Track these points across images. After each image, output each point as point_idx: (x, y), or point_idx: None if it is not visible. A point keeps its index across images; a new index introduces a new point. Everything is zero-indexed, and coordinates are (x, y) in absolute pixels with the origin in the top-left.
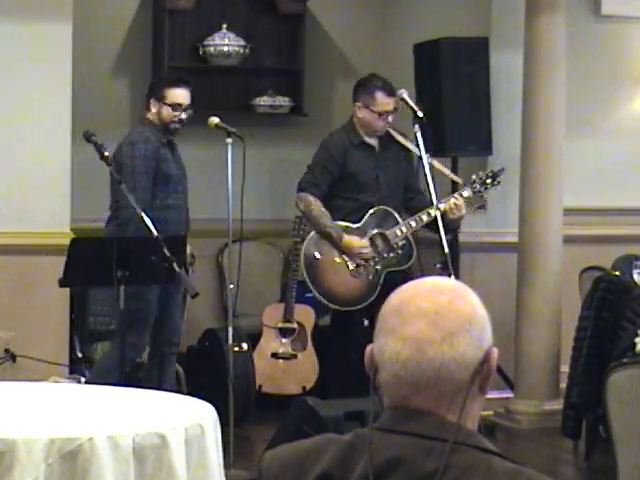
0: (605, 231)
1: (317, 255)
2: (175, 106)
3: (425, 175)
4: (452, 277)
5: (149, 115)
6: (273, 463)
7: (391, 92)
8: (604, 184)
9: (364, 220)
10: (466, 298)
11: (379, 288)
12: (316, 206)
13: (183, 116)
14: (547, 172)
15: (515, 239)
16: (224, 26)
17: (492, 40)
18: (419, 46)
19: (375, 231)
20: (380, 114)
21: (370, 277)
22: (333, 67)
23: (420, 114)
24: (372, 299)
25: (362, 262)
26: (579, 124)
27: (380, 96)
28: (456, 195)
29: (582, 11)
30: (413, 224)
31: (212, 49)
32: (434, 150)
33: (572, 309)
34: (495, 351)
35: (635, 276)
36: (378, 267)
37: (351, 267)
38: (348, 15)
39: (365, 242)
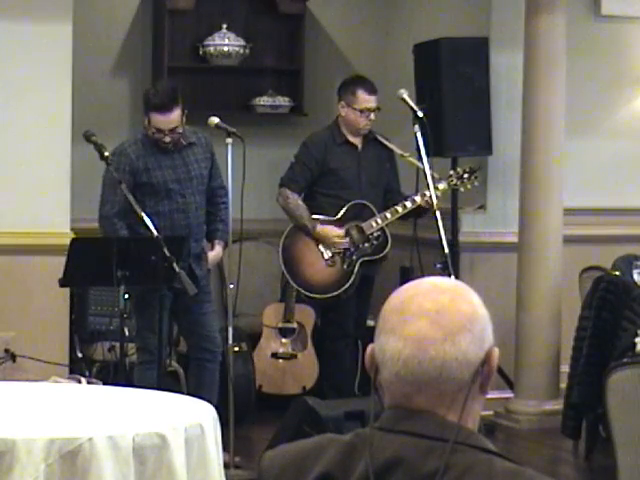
0: (605, 231)
1: (294, 247)
2: (157, 130)
3: (425, 175)
4: (452, 277)
5: (146, 126)
6: (273, 463)
7: (372, 90)
8: (604, 184)
9: (341, 213)
10: (467, 298)
11: (353, 276)
12: (293, 199)
13: (167, 140)
14: (547, 172)
15: (515, 239)
16: (224, 26)
17: (492, 40)
18: (419, 46)
19: (352, 223)
20: (362, 111)
21: (345, 266)
22: (333, 67)
23: (420, 114)
24: (345, 287)
25: (336, 251)
26: (579, 124)
27: (361, 93)
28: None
29: (582, 11)
30: (389, 216)
31: (212, 49)
32: (434, 150)
33: (572, 309)
34: (496, 351)
35: (635, 276)
36: (353, 257)
37: (326, 256)
38: (348, 15)
39: (339, 232)
